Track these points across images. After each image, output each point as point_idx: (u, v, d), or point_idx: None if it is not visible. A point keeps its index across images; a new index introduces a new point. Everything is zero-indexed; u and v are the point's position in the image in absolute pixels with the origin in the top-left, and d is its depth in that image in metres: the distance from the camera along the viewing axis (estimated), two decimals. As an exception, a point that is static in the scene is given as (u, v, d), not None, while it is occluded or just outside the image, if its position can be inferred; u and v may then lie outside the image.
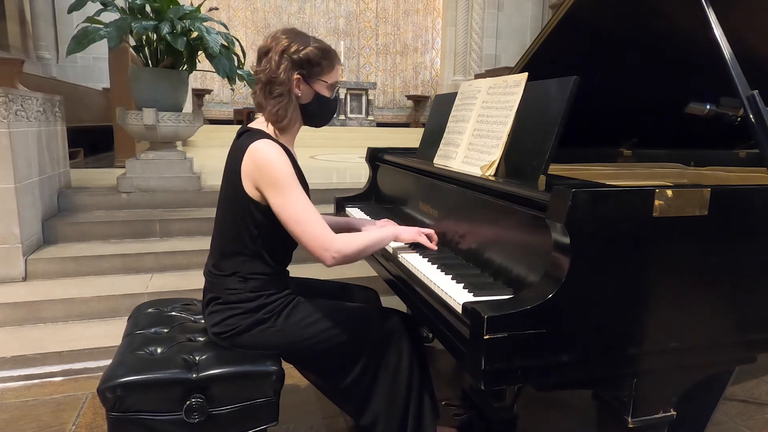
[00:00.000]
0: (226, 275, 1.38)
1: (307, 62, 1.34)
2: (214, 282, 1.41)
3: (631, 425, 1.14)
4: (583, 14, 1.72)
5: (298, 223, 1.28)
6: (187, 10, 3.11)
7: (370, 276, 2.39)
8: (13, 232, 2.64)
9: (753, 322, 1.20)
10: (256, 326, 1.36)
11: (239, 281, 1.37)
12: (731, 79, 1.39)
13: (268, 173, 1.27)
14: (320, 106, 1.42)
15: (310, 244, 1.28)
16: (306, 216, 1.28)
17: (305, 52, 1.33)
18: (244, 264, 1.37)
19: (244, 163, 1.30)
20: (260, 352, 1.36)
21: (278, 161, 1.28)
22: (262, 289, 1.38)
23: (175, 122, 3.31)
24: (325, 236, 1.28)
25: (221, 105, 10.85)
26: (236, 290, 1.37)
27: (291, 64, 1.33)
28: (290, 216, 1.28)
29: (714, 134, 1.91)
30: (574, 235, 1.00)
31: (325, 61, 1.37)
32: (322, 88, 1.39)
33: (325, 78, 1.39)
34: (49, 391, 2.09)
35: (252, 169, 1.29)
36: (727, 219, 1.12)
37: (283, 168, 1.28)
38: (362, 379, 1.42)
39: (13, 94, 2.67)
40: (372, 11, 11.63)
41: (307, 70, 1.35)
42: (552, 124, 1.27)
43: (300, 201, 1.29)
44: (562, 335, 1.03)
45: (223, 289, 1.38)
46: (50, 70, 6.93)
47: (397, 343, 1.45)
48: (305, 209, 1.29)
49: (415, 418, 1.44)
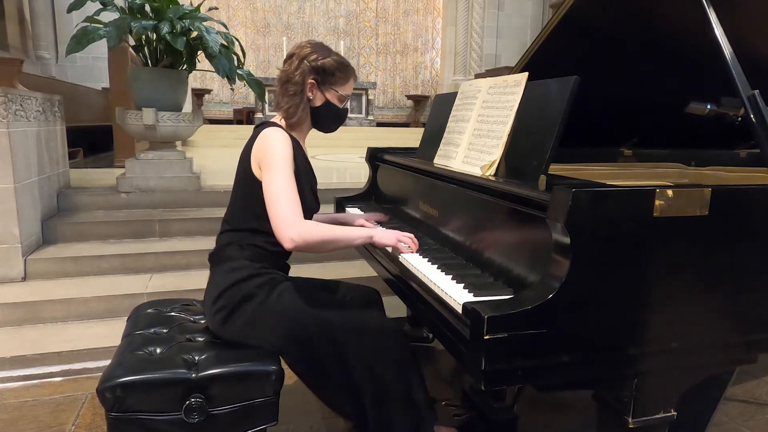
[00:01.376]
0: (225, 245, 1.48)
1: (323, 71, 1.48)
2: (213, 256, 1.50)
3: (631, 425, 1.14)
4: (584, 14, 1.72)
5: (271, 200, 1.36)
6: (186, 10, 3.10)
7: (370, 276, 2.38)
8: (12, 232, 2.63)
9: (753, 323, 1.20)
10: (248, 300, 1.39)
11: (237, 249, 1.46)
12: (732, 78, 1.38)
13: (267, 152, 1.40)
14: (328, 113, 1.54)
15: (274, 221, 1.35)
16: (280, 195, 1.35)
17: (323, 62, 1.48)
18: (243, 235, 1.47)
19: (255, 144, 1.44)
20: (259, 352, 1.35)
21: (279, 144, 1.40)
22: (257, 260, 1.46)
23: (174, 122, 3.30)
24: (292, 217, 1.34)
25: (221, 105, 10.84)
26: (231, 257, 1.45)
27: (308, 69, 1.47)
28: (270, 192, 1.37)
29: (714, 134, 1.91)
30: (574, 235, 1.00)
31: (340, 74, 1.51)
32: (333, 96, 1.52)
33: (337, 88, 1.52)
34: (48, 392, 2.08)
35: (259, 150, 1.43)
36: (727, 219, 1.12)
37: (280, 150, 1.39)
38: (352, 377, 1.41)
39: (13, 94, 2.66)
40: (372, 11, 11.63)
41: (322, 78, 1.49)
42: (552, 123, 1.27)
43: (281, 181, 1.36)
44: (563, 335, 1.03)
45: (219, 258, 1.48)
46: (49, 69, 6.93)
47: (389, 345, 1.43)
48: (282, 189, 1.36)
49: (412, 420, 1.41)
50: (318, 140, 8.11)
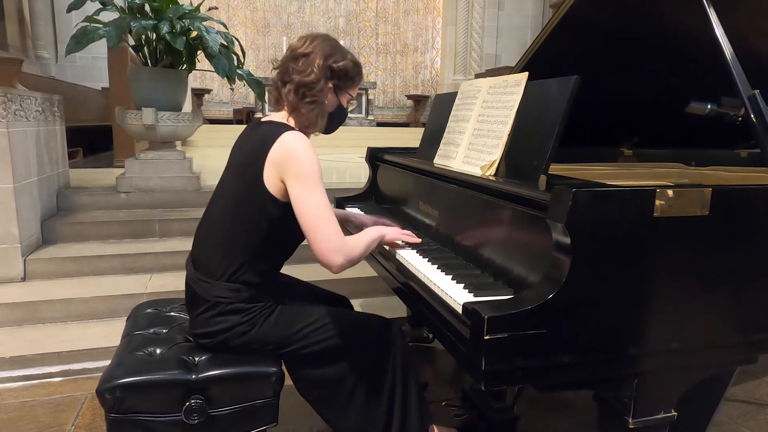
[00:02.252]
0: (218, 281, 1.32)
1: (345, 74, 1.37)
2: (202, 287, 1.33)
3: (631, 426, 1.14)
4: (584, 14, 1.72)
5: (316, 219, 1.23)
6: (186, 10, 3.10)
7: (370, 276, 2.38)
8: (11, 232, 2.63)
9: (754, 323, 1.19)
10: (239, 337, 1.32)
11: (231, 290, 1.31)
12: (732, 78, 1.38)
13: (300, 164, 1.24)
14: (339, 116, 1.44)
15: (321, 245, 1.23)
16: (326, 214, 1.24)
17: (344, 64, 1.36)
18: (240, 269, 1.31)
19: (273, 151, 1.26)
20: (259, 354, 1.35)
21: (311, 154, 1.26)
22: (252, 300, 1.32)
23: (174, 122, 3.30)
24: (337, 240, 1.24)
25: (221, 105, 10.84)
26: (226, 299, 1.31)
27: (330, 73, 1.34)
28: (309, 211, 1.24)
29: (715, 134, 1.91)
30: (574, 235, 0.99)
31: (357, 77, 1.41)
32: (345, 100, 1.43)
33: (351, 91, 1.43)
34: (47, 392, 2.08)
35: (281, 158, 1.25)
36: (728, 219, 1.11)
37: (314, 162, 1.26)
38: (342, 387, 1.38)
39: (12, 94, 2.66)
40: (372, 10, 11.62)
41: (342, 82, 1.38)
42: (553, 123, 1.26)
43: (323, 199, 1.25)
44: (563, 336, 1.02)
45: (212, 296, 1.31)
46: (49, 69, 6.92)
47: (382, 350, 1.41)
48: (327, 208, 1.25)
49: (399, 428, 1.39)
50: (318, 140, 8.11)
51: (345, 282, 2.54)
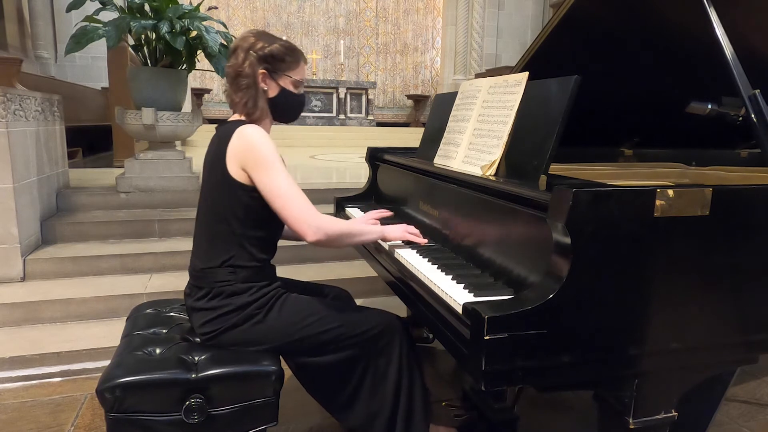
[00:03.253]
0: (216, 267, 1.38)
1: (272, 57, 1.41)
2: (202, 276, 1.40)
3: (632, 426, 1.14)
4: (584, 13, 1.72)
5: (283, 198, 1.31)
6: (186, 9, 3.10)
7: (370, 276, 2.38)
8: (11, 232, 2.63)
9: (755, 323, 1.19)
10: (245, 322, 1.36)
11: (230, 272, 1.37)
12: (733, 78, 1.38)
13: (256, 153, 1.32)
14: (286, 100, 1.47)
15: (292, 217, 1.31)
16: (290, 191, 1.31)
17: (270, 49, 1.41)
18: (232, 254, 1.38)
19: (230, 145, 1.35)
20: (258, 353, 1.35)
21: (264, 142, 1.34)
22: (253, 279, 1.38)
23: (174, 122, 3.30)
24: (308, 211, 1.31)
25: (220, 104, 10.82)
26: (227, 281, 1.37)
27: (256, 59, 1.40)
28: (275, 192, 1.31)
29: (715, 134, 1.90)
30: (575, 235, 0.99)
31: (290, 58, 1.44)
32: (287, 83, 1.45)
33: (290, 73, 1.45)
34: (47, 392, 2.08)
35: (239, 150, 1.34)
36: (728, 219, 1.11)
37: (269, 147, 1.33)
38: (349, 379, 1.41)
39: (12, 94, 2.66)
40: (372, 10, 11.62)
41: (272, 65, 1.42)
42: (553, 123, 1.26)
43: (285, 178, 1.32)
44: (563, 336, 1.02)
45: (213, 282, 1.37)
46: (49, 69, 6.91)
47: (387, 345, 1.43)
48: (290, 185, 1.32)
49: (404, 420, 1.42)
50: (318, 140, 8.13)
51: (345, 282, 2.53)
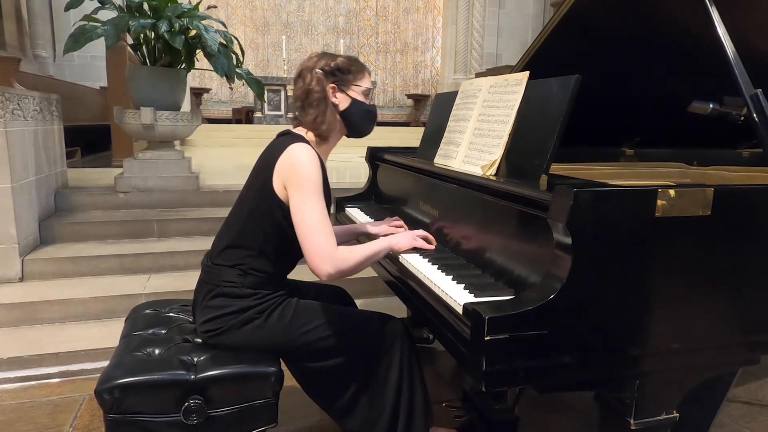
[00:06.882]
0: (227, 266, 1.39)
1: (338, 71, 1.44)
2: (212, 272, 1.41)
3: (633, 427, 1.14)
4: (585, 12, 1.71)
5: (307, 227, 1.29)
6: (185, 8, 3.09)
7: (371, 276, 2.37)
8: (9, 233, 2.62)
9: (757, 323, 1.19)
10: (245, 324, 1.36)
11: (238, 274, 1.38)
12: (734, 77, 1.37)
13: (299, 174, 1.32)
14: (359, 111, 1.48)
15: (309, 252, 1.29)
16: (317, 224, 1.29)
17: (335, 63, 1.44)
18: (247, 259, 1.38)
19: (279, 160, 1.35)
20: (258, 354, 1.35)
21: (310, 165, 1.33)
22: (259, 287, 1.39)
23: (173, 121, 3.29)
24: (328, 248, 1.29)
25: (220, 104, 10.82)
26: (233, 283, 1.37)
27: (323, 75, 1.43)
28: (303, 219, 1.30)
29: (717, 134, 1.90)
30: (575, 236, 0.99)
31: (354, 68, 1.47)
32: (357, 93, 1.47)
33: (358, 83, 1.47)
34: (45, 393, 2.07)
35: (285, 167, 1.34)
36: (730, 219, 1.11)
37: (312, 173, 1.32)
38: (349, 384, 1.41)
39: (10, 93, 2.65)
40: (372, 9, 11.61)
41: (340, 78, 1.44)
42: (553, 123, 1.26)
43: (318, 209, 1.31)
44: (564, 336, 1.02)
45: (220, 280, 1.38)
46: (47, 68, 6.91)
47: (388, 350, 1.43)
48: (319, 218, 1.30)
49: (404, 424, 1.42)
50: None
51: (345, 282, 2.51)
